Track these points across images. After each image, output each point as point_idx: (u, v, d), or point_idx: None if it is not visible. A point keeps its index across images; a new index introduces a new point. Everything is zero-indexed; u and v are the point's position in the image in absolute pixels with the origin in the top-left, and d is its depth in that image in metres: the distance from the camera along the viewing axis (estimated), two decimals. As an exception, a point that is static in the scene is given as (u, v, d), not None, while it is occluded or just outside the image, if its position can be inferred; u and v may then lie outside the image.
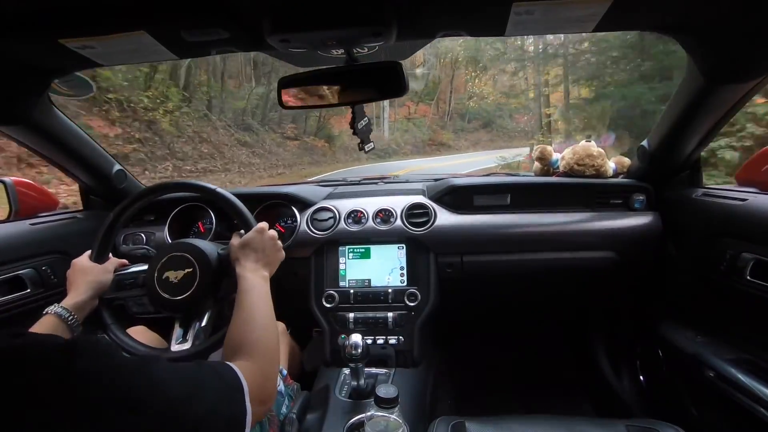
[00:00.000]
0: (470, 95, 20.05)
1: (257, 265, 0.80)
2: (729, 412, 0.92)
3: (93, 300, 0.85)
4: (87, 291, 0.84)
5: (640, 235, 1.21)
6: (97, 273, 0.87)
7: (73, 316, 0.79)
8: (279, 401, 0.93)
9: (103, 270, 0.89)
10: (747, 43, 0.74)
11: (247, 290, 0.75)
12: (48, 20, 0.65)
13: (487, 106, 19.93)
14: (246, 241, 0.83)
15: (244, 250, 0.82)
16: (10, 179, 1.20)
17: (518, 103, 21.15)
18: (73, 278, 0.86)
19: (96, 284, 0.86)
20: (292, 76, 0.85)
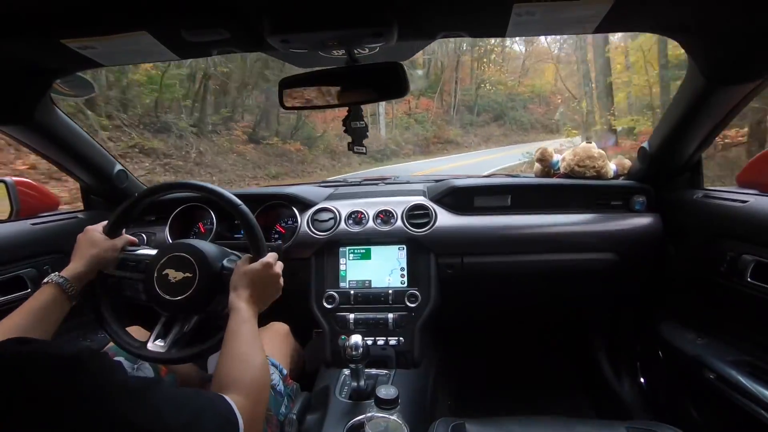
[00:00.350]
0: (479, 82, 18.46)
1: (252, 299, 0.79)
2: (729, 414, 0.92)
3: (93, 272, 0.86)
4: (89, 264, 0.84)
5: (640, 237, 1.21)
6: (105, 248, 0.88)
7: (72, 286, 0.80)
8: (278, 401, 0.93)
9: (112, 246, 0.89)
10: (748, 44, 0.74)
11: (242, 322, 0.74)
12: (49, 21, 0.66)
13: (498, 97, 18.82)
14: (249, 272, 0.81)
15: (244, 279, 0.80)
16: (12, 179, 1.20)
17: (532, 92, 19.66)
18: (80, 246, 0.86)
19: (100, 259, 0.86)
20: (292, 76, 0.85)
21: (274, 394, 0.92)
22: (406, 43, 0.86)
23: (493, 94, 19.03)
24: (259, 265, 0.82)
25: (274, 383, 0.94)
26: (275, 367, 0.98)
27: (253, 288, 0.80)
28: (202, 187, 0.93)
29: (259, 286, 0.81)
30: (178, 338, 0.87)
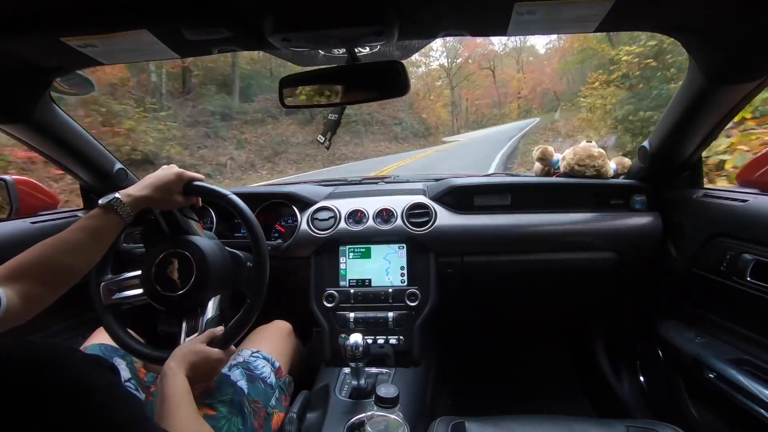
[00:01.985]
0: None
1: (187, 378, 0.74)
2: (729, 413, 0.92)
3: (146, 206, 0.85)
4: (149, 201, 0.83)
5: (640, 236, 1.21)
6: (171, 202, 0.87)
7: (129, 212, 0.79)
8: (268, 393, 0.93)
9: (178, 203, 0.89)
10: (748, 43, 0.74)
11: (186, 392, 0.70)
12: (50, 19, 0.65)
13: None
14: (205, 356, 0.78)
15: (193, 357, 0.77)
16: (11, 177, 1.20)
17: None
18: (158, 181, 0.84)
19: (159, 204, 0.86)
20: (293, 75, 0.85)
21: (264, 386, 0.92)
22: (407, 42, 0.86)
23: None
24: (214, 357, 0.80)
25: (264, 376, 0.95)
26: (266, 360, 0.99)
27: (192, 371, 0.75)
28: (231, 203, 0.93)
29: (197, 372, 0.76)
30: (118, 303, 0.91)
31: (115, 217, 0.77)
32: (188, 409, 0.68)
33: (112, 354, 0.93)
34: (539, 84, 22.18)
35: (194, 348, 0.79)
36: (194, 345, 0.80)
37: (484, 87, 24.61)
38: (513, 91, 24.01)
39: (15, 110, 0.95)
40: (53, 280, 0.71)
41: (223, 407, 0.83)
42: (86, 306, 0.94)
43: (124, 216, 0.78)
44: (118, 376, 0.49)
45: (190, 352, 0.78)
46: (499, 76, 23.11)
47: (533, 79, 22.96)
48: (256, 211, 1.28)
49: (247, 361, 0.97)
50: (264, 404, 0.90)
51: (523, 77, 23.11)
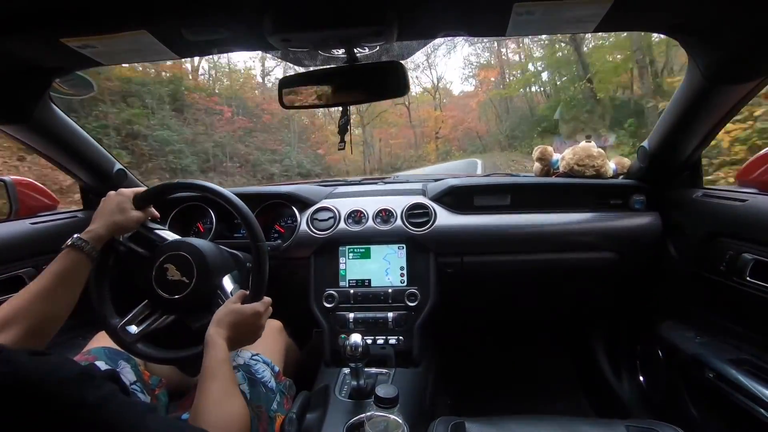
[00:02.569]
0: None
1: (228, 338, 0.77)
2: (729, 413, 0.92)
3: (110, 237, 0.85)
4: (110, 229, 0.84)
5: (640, 236, 1.21)
6: (129, 218, 0.87)
7: (93, 248, 0.79)
8: (270, 397, 0.92)
9: (136, 219, 0.88)
10: (747, 43, 0.74)
11: (222, 362, 0.72)
12: (49, 20, 0.65)
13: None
14: (238, 314, 0.80)
15: (229, 318, 0.79)
16: (11, 178, 1.20)
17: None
18: (106, 208, 0.85)
19: (121, 227, 0.86)
20: (292, 75, 0.85)
21: (266, 391, 0.92)
22: (407, 43, 0.86)
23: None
24: (249, 311, 0.81)
25: (266, 380, 0.94)
26: (266, 364, 0.99)
27: (234, 330, 0.79)
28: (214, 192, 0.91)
29: (240, 330, 0.80)
30: (147, 333, 0.88)
31: (81, 256, 0.77)
32: (222, 381, 0.70)
33: (116, 357, 0.92)
34: (460, 123, 19.84)
35: (228, 309, 0.81)
36: (227, 307, 0.81)
37: (399, 126, 21.44)
38: (430, 131, 21.02)
39: (15, 111, 0.95)
40: (36, 329, 0.70)
41: None
42: (86, 306, 0.94)
43: (89, 253, 0.78)
44: (120, 383, 0.49)
45: (225, 315, 0.79)
46: (415, 114, 20.27)
47: (453, 117, 20.24)
48: (256, 211, 1.28)
49: (248, 364, 0.96)
50: (266, 408, 0.90)
51: (441, 116, 20.46)
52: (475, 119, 19.54)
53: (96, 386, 0.43)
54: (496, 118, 18.00)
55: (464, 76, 21.32)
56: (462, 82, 25.29)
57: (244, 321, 0.80)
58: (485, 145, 17.51)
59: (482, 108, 19.17)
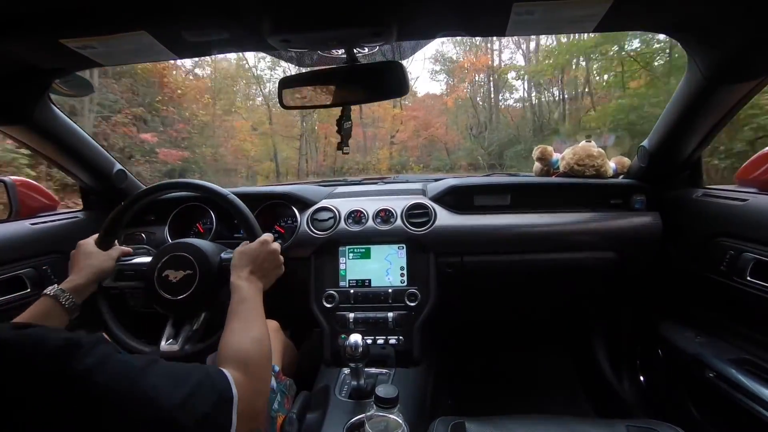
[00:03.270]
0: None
1: (253, 276, 0.81)
2: (729, 413, 0.92)
3: (92, 284, 0.85)
4: (87, 275, 0.84)
5: (640, 236, 1.21)
6: (101, 259, 0.88)
7: (71, 299, 0.79)
8: (270, 397, 0.93)
9: (107, 257, 0.89)
10: (747, 43, 0.74)
11: (241, 300, 0.75)
12: (49, 20, 0.65)
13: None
14: (246, 251, 0.83)
15: (242, 259, 0.83)
16: (11, 179, 1.20)
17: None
18: (75, 260, 0.86)
19: (97, 270, 0.86)
20: (292, 76, 0.85)
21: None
22: (406, 43, 0.86)
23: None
24: (256, 243, 0.85)
25: None
26: None
27: (252, 265, 0.82)
28: (192, 185, 0.94)
29: (258, 262, 0.83)
30: (190, 336, 0.87)
31: (56, 305, 0.77)
32: (242, 317, 0.73)
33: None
34: (424, 127, 14.95)
35: (237, 254, 0.85)
36: (236, 253, 0.85)
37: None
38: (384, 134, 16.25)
39: (14, 112, 0.95)
40: None
41: None
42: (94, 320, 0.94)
43: (65, 303, 0.77)
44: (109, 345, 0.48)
45: (238, 260, 0.83)
46: (368, 110, 14.87)
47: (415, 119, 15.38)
48: (256, 211, 1.28)
49: None
50: (267, 408, 0.90)
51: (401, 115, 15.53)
52: (443, 126, 15.20)
53: (84, 354, 0.42)
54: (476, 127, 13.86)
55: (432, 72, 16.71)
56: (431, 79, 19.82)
57: (256, 253, 0.84)
58: (453, 161, 13.71)
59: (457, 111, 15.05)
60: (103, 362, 0.43)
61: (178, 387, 0.48)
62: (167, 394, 0.46)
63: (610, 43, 7.95)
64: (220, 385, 0.54)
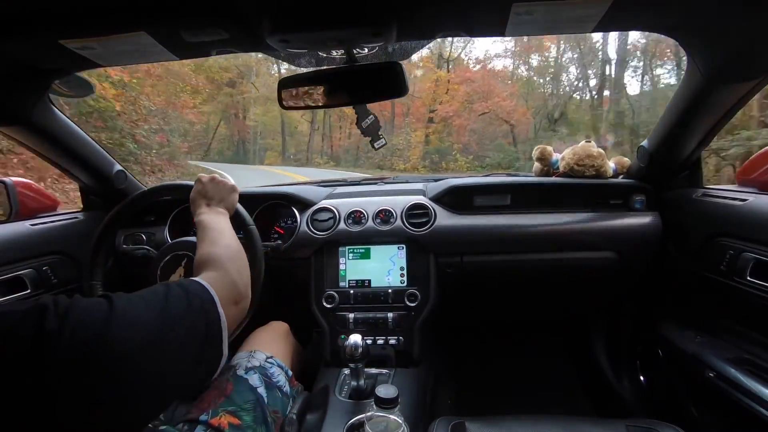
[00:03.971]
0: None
1: (208, 207, 0.85)
2: (729, 412, 0.92)
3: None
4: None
5: (640, 236, 1.21)
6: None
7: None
8: (284, 402, 0.92)
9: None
10: (747, 42, 0.74)
11: (204, 225, 0.79)
12: (48, 21, 0.65)
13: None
14: (191, 194, 0.88)
15: (193, 201, 0.87)
16: (11, 179, 1.20)
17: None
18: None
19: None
20: (291, 76, 0.85)
21: (281, 396, 0.92)
22: (406, 43, 0.86)
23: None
24: (195, 184, 0.90)
25: (281, 384, 0.94)
26: (281, 368, 0.98)
27: (203, 198, 0.86)
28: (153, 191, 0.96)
29: (205, 194, 0.87)
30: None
31: None
32: (208, 235, 0.77)
33: None
34: (481, 98, 9.79)
35: (195, 186, 0.89)
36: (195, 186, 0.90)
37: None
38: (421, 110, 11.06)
39: (14, 112, 0.95)
40: None
41: (247, 416, 0.82)
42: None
43: None
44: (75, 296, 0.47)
45: (190, 200, 0.88)
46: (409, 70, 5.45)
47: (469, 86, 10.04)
48: (256, 212, 1.28)
49: (264, 366, 0.96)
50: (282, 414, 0.90)
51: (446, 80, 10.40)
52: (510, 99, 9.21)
53: (51, 312, 0.41)
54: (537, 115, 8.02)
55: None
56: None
57: (197, 189, 0.89)
58: (523, 152, 9.37)
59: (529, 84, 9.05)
60: (71, 313, 0.42)
61: (156, 311, 0.48)
62: (148, 320, 0.47)
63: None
64: (195, 292, 0.55)
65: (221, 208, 0.87)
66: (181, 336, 0.48)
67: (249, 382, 0.88)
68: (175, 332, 0.47)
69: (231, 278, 0.65)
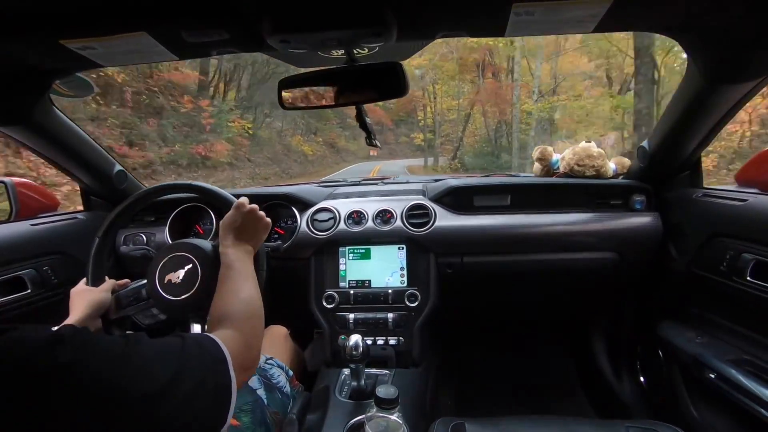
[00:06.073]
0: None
1: (238, 240, 0.81)
2: (729, 413, 0.92)
3: (94, 320, 0.83)
4: (86, 309, 0.82)
5: (640, 236, 1.21)
6: (95, 292, 0.86)
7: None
8: (285, 403, 0.92)
9: (101, 290, 0.88)
10: (747, 43, 0.74)
11: (228, 265, 0.76)
12: (49, 21, 0.65)
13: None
14: (226, 221, 0.84)
15: (224, 229, 0.83)
16: (11, 179, 1.20)
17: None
18: (72, 303, 0.85)
19: (94, 303, 0.84)
20: (292, 76, 0.85)
21: (281, 396, 0.92)
22: (406, 43, 0.86)
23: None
24: (232, 210, 0.84)
25: (281, 385, 0.94)
26: (281, 368, 0.98)
27: (235, 231, 0.82)
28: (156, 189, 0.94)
29: (238, 226, 0.83)
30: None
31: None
32: (228, 282, 0.74)
33: None
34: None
35: (223, 221, 0.84)
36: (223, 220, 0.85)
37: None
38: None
39: (14, 112, 0.95)
40: None
41: (246, 417, 0.82)
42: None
43: None
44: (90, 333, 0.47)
45: (223, 224, 0.83)
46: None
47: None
48: None
49: (263, 368, 0.96)
50: (282, 415, 0.90)
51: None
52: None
53: (66, 347, 0.41)
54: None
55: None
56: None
57: (233, 218, 0.84)
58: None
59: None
60: (85, 351, 0.42)
61: (169, 360, 0.48)
62: (160, 367, 0.46)
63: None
64: (210, 349, 0.54)
65: (249, 245, 0.83)
66: (188, 391, 0.47)
67: (248, 384, 0.88)
68: (185, 385, 0.47)
69: (247, 342, 0.63)
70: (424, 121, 19.01)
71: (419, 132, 19.69)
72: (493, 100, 13.98)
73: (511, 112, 12.46)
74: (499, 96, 13.93)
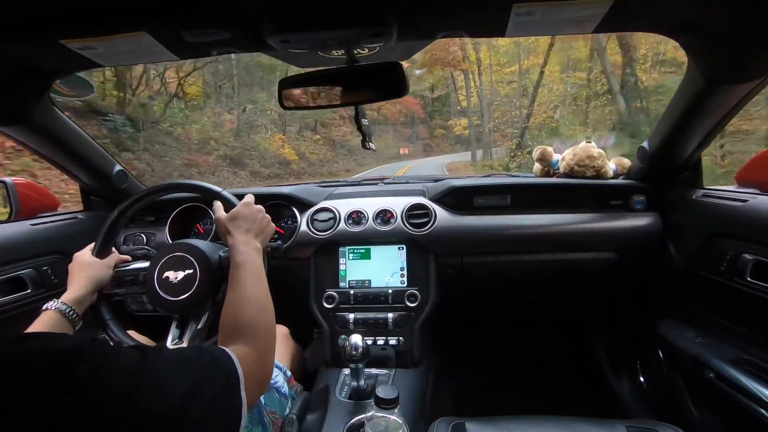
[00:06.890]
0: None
1: (248, 236, 0.80)
2: (729, 413, 0.92)
3: (92, 295, 0.85)
4: (86, 286, 0.83)
5: (640, 236, 1.21)
6: (98, 268, 0.87)
7: (74, 311, 0.78)
8: (283, 403, 0.92)
9: (104, 265, 0.88)
10: (747, 44, 0.74)
11: (240, 264, 0.74)
12: (49, 21, 0.65)
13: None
14: (235, 213, 0.82)
15: (234, 222, 0.81)
16: (11, 180, 1.20)
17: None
18: (73, 272, 0.85)
19: (95, 279, 0.85)
20: (292, 77, 0.85)
21: (279, 396, 0.92)
22: (406, 43, 0.86)
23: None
24: (241, 205, 0.83)
25: (279, 385, 0.94)
26: (279, 369, 0.98)
27: (245, 225, 0.81)
28: (177, 185, 0.95)
29: (249, 221, 0.82)
30: (195, 335, 0.87)
31: (62, 319, 0.76)
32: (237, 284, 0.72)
33: None
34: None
35: (233, 212, 0.83)
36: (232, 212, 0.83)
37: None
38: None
39: (14, 112, 0.95)
40: None
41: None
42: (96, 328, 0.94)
43: (69, 316, 0.77)
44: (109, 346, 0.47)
45: (235, 216, 0.81)
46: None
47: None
48: None
49: None
50: (280, 414, 0.90)
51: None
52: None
53: (84, 359, 0.41)
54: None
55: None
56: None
57: (244, 214, 0.82)
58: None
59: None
60: (104, 364, 0.43)
61: (185, 377, 0.48)
62: (176, 386, 0.46)
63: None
64: (225, 367, 0.54)
65: (258, 242, 0.81)
66: (200, 414, 0.47)
67: None
68: (198, 407, 0.47)
69: (261, 360, 0.62)
70: (468, 100, 14.60)
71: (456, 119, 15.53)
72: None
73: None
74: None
